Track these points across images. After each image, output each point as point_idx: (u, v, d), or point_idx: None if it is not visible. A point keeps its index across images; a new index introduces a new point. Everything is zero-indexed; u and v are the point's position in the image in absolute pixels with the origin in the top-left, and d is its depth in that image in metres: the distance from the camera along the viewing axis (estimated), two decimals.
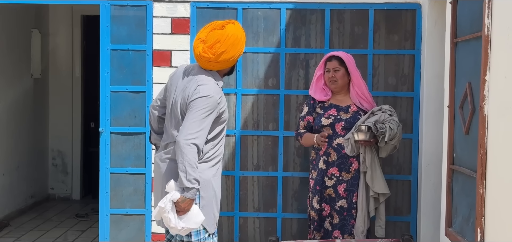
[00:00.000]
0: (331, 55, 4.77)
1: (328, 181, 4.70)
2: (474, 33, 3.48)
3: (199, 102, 3.74)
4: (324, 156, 4.72)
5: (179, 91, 3.89)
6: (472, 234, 3.38)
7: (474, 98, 3.46)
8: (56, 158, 8.83)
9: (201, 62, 3.89)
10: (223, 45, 3.79)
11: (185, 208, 3.75)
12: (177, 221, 3.77)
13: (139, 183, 5.43)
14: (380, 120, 4.55)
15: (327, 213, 4.73)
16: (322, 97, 4.79)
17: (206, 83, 3.81)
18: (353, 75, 4.73)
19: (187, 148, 3.68)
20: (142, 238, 5.46)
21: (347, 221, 4.66)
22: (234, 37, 3.83)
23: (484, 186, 3.23)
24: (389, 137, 4.49)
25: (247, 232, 5.46)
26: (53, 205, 8.45)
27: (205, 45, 3.82)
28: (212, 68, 3.90)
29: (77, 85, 8.81)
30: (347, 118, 4.68)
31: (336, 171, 4.67)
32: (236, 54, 3.88)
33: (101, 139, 5.41)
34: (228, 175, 5.41)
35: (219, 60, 3.83)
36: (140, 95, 5.39)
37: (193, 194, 3.73)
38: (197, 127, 3.72)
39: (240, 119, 5.39)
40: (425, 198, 5.06)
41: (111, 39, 5.37)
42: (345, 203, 4.67)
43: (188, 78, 3.89)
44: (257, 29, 5.36)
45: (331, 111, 4.74)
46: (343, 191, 4.67)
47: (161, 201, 3.79)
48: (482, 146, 3.24)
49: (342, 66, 4.72)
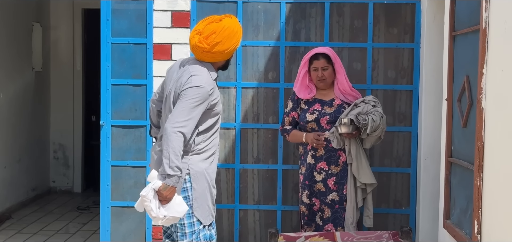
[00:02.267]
0: (317, 53, 4.73)
1: (317, 175, 4.71)
2: (472, 26, 3.50)
3: (190, 92, 3.78)
4: (312, 151, 4.73)
5: (173, 82, 3.95)
6: (470, 226, 3.40)
7: (471, 91, 3.48)
8: (58, 151, 8.86)
9: (196, 53, 3.95)
10: (219, 36, 3.85)
11: (167, 196, 3.76)
12: (158, 210, 3.78)
13: (140, 176, 5.45)
14: (363, 111, 4.55)
15: (317, 208, 4.74)
16: (306, 95, 4.78)
17: (199, 73, 3.86)
18: (338, 73, 4.71)
19: (173, 135, 3.71)
20: (143, 231, 5.49)
21: (339, 214, 4.67)
22: (230, 30, 3.89)
23: (481, 179, 3.25)
24: (372, 128, 4.50)
25: (247, 224, 5.49)
26: (55, 198, 8.50)
27: (201, 36, 3.88)
28: (207, 60, 3.95)
29: (78, 78, 8.84)
30: (331, 112, 4.69)
31: (324, 165, 4.69)
32: (231, 47, 3.93)
33: (102, 132, 5.44)
34: (228, 168, 5.43)
35: (214, 50, 3.88)
36: (140, 88, 5.41)
37: (174, 181, 3.74)
38: (185, 115, 3.76)
39: (240, 112, 5.41)
40: (424, 190, 5.08)
41: (112, 32, 5.39)
42: (336, 196, 4.68)
43: (182, 69, 3.95)
44: (257, 22, 5.38)
45: (316, 106, 4.74)
46: (333, 185, 4.68)
47: (143, 190, 3.82)
48: (479, 139, 3.25)
49: (330, 64, 4.71)
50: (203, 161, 3.96)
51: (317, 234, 4.41)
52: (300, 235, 4.40)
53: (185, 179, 3.92)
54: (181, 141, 3.74)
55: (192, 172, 3.92)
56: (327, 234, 4.41)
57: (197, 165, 3.93)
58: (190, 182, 3.92)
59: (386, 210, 5.38)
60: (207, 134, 3.97)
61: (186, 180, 3.93)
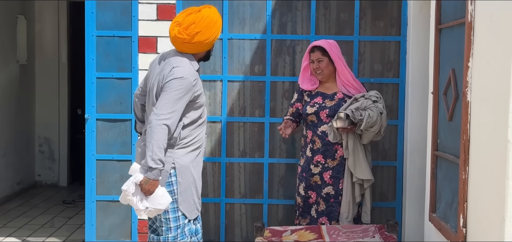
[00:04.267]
0: (313, 45, 4.74)
1: (314, 168, 4.71)
2: (458, 19, 3.50)
3: (173, 83, 3.76)
4: (310, 144, 4.73)
5: (156, 76, 3.93)
6: (455, 220, 3.41)
7: (457, 85, 3.48)
8: (43, 144, 8.80)
9: (176, 45, 3.94)
10: (198, 26, 3.84)
11: (150, 190, 3.75)
12: (140, 203, 3.77)
13: (125, 170, 5.39)
14: (362, 107, 4.55)
15: (313, 200, 4.74)
16: (309, 87, 4.80)
17: (181, 65, 3.85)
18: (336, 63, 4.71)
19: (158, 128, 3.69)
20: (129, 225, 5.46)
21: (334, 208, 4.68)
22: (209, 19, 3.88)
23: (466, 172, 3.26)
24: (367, 124, 4.48)
25: (233, 218, 5.47)
26: (40, 192, 8.44)
27: (180, 27, 3.87)
28: (187, 51, 3.94)
29: (63, 71, 8.77)
30: (331, 106, 4.68)
31: (321, 158, 4.69)
32: (211, 37, 3.91)
33: (87, 126, 5.40)
34: (214, 162, 5.41)
35: (194, 41, 3.86)
36: (125, 81, 5.38)
37: (156, 175, 3.72)
38: (169, 108, 3.74)
39: (226, 105, 5.38)
40: (410, 184, 5.08)
41: (97, 25, 5.34)
42: (332, 190, 4.68)
43: (164, 62, 3.94)
44: (243, 15, 5.35)
45: (317, 99, 4.74)
46: (329, 178, 4.68)
47: (125, 184, 3.79)
48: (465, 132, 3.25)
49: (325, 55, 4.70)
50: (188, 154, 3.95)
51: (303, 228, 4.41)
52: (286, 229, 4.40)
53: (170, 173, 3.90)
54: (166, 134, 3.72)
55: (177, 166, 3.91)
56: (313, 227, 4.41)
57: (182, 159, 3.92)
58: (175, 176, 3.90)
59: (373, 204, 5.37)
60: (191, 126, 3.95)
61: (171, 174, 3.91)
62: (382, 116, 4.57)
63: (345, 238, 4.15)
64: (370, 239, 4.12)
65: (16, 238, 6.21)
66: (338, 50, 4.74)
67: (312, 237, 4.21)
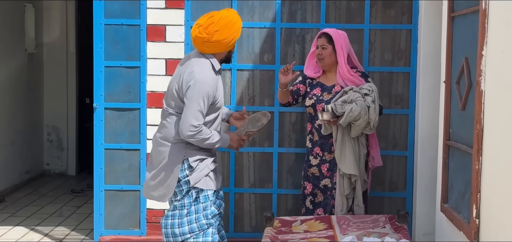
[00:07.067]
0: (323, 32, 4.68)
1: (313, 159, 4.68)
2: (471, 7, 3.44)
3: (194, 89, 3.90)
4: (309, 135, 4.71)
5: (176, 74, 4.07)
6: (468, 210, 3.37)
7: (470, 74, 3.43)
8: (51, 133, 8.80)
9: (197, 45, 4.04)
10: (216, 25, 3.95)
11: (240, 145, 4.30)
12: None
13: (134, 159, 5.40)
14: (348, 99, 4.44)
15: (308, 192, 4.71)
16: (312, 74, 4.74)
17: (201, 67, 3.97)
18: (338, 55, 4.61)
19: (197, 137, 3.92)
20: (137, 215, 5.44)
21: (329, 200, 4.63)
22: (227, 19, 3.99)
23: (480, 162, 3.21)
24: (348, 118, 4.36)
25: (242, 208, 5.44)
26: (49, 181, 8.44)
27: (201, 27, 3.98)
28: (208, 51, 4.03)
29: (71, 60, 8.76)
30: (328, 99, 4.61)
31: (319, 150, 4.65)
32: (229, 37, 4.00)
33: (95, 115, 5.37)
34: (223, 151, 5.37)
35: (213, 39, 3.95)
36: (134, 70, 5.35)
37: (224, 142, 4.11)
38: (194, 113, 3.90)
39: (236, 94, 5.35)
40: (421, 174, 5.03)
41: (105, 13, 5.30)
42: (329, 183, 4.64)
43: (186, 62, 4.06)
44: (253, 3, 5.30)
45: (316, 90, 4.68)
46: (326, 171, 4.64)
47: None
48: (478, 122, 3.21)
49: (330, 44, 4.62)
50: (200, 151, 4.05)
51: (313, 218, 4.37)
52: (296, 219, 4.37)
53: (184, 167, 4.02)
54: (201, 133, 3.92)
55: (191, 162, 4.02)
56: (323, 217, 4.38)
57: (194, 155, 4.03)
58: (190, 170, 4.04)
59: (382, 193, 5.34)
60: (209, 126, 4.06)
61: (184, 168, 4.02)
62: (370, 110, 4.44)
63: (355, 228, 4.12)
64: (381, 229, 4.08)
65: (25, 227, 6.21)
66: (345, 42, 4.65)
67: (322, 227, 4.18)
